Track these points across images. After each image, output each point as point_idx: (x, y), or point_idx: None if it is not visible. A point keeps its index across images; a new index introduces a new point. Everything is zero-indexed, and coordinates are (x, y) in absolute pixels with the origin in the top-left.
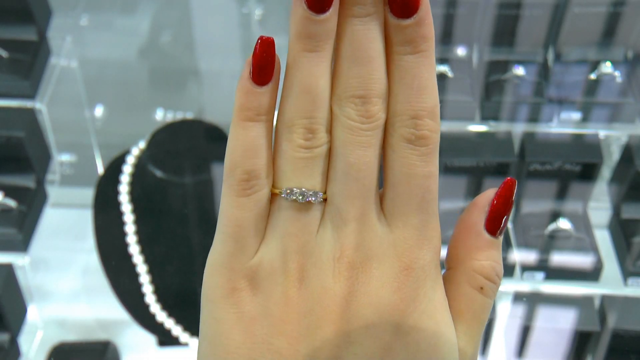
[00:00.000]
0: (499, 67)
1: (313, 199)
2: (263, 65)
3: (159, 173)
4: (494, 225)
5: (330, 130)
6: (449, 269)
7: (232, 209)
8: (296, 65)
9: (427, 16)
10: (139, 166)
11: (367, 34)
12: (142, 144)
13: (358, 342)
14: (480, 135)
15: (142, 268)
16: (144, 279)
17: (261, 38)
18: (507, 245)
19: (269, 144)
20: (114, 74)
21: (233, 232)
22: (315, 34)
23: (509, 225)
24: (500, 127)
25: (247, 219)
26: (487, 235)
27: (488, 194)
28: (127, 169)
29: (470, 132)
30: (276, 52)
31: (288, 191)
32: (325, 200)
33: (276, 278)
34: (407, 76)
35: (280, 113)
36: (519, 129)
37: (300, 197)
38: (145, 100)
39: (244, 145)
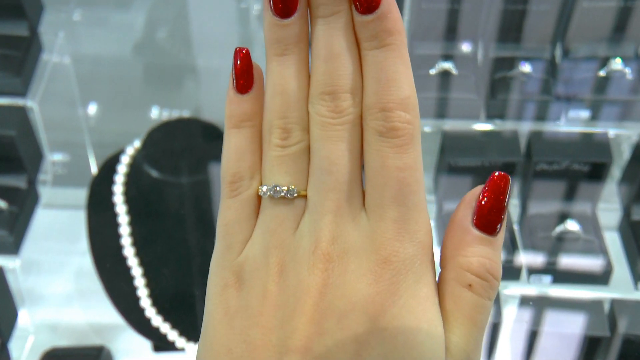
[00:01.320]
0: (504, 64)
1: (287, 194)
2: (241, 74)
3: (154, 173)
4: (485, 221)
5: (308, 129)
6: (441, 268)
7: (222, 210)
8: (269, 70)
9: (390, 10)
10: (134, 166)
11: (332, 32)
12: (137, 143)
13: (330, 334)
14: (486, 134)
15: (137, 271)
16: (139, 282)
17: (237, 50)
18: (513, 247)
19: (254, 147)
20: (108, 70)
21: (221, 232)
22: (283, 38)
23: (515, 227)
24: (506, 125)
25: (232, 219)
26: (475, 231)
27: (476, 190)
28: (122, 168)
29: (475, 131)
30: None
31: (264, 189)
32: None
33: (259, 273)
34: (374, 70)
35: (263, 117)
36: (525, 127)
37: (273, 194)
38: (141, 98)
39: (230, 151)
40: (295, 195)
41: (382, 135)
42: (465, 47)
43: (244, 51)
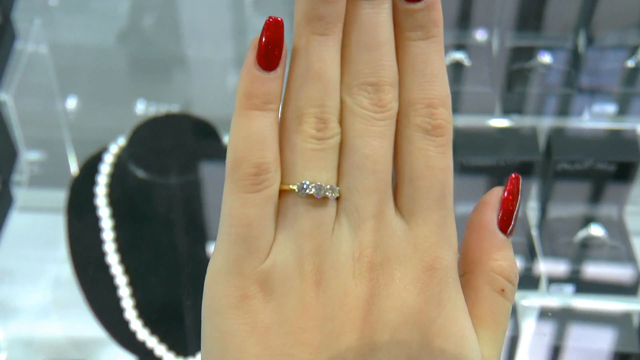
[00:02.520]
0: (522, 54)
1: (330, 193)
2: (271, 48)
3: (141, 173)
4: (505, 223)
5: (340, 121)
6: (466, 273)
7: (239, 207)
8: (305, 49)
9: (437, 0)
10: (118, 165)
11: (376, 19)
12: (121, 141)
13: (384, 350)
14: (501, 130)
15: (121, 280)
16: (124, 292)
17: (270, 18)
18: (531, 254)
19: (276, 135)
20: (89, 61)
21: (242, 233)
22: (325, 15)
23: (534, 232)
24: (524, 121)
25: (257, 217)
26: (501, 235)
27: (497, 192)
28: (105, 168)
29: (489, 127)
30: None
31: (302, 186)
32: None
33: (291, 282)
34: (419, 63)
35: (286, 102)
36: (545, 123)
37: (317, 192)
38: (125, 91)
39: (251, 137)
40: (337, 195)
41: (427, 133)
42: (480, 36)
43: (277, 20)
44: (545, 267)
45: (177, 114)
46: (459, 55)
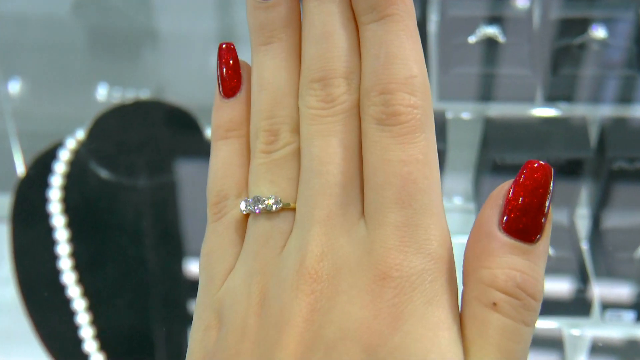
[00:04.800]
0: (571, 28)
1: (271, 206)
2: (226, 74)
3: (104, 173)
4: (518, 224)
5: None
6: (463, 286)
7: (207, 237)
8: (254, 63)
9: None
10: (76, 164)
11: (323, 9)
12: (80, 134)
13: None
14: (543, 121)
15: (79, 304)
16: (82, 318)
17: (220, 46)
18: (582, 273)
19: (243, 160)
20: (38, 35)
21: (203, 262)
22: (267, 22)
23: (584, 245)
24: (572, 110)
25: (216, 245)
26: (503, 237)
27: (504, 185)
28: (60, 167)
29: (528, 117)
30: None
31: (243, 204)
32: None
33: (238, 306)
34: (373, 47)
35: (250, 124)
36: (598, 112)
37: (254, 208)
38: (83, 72)
39: (215, 167)
40: (280, 207)
41: (381, 123)
42: (518, 5)
43: (228, 46)
44: (599, 289)
45: (147, 101)
46: (492, 30)
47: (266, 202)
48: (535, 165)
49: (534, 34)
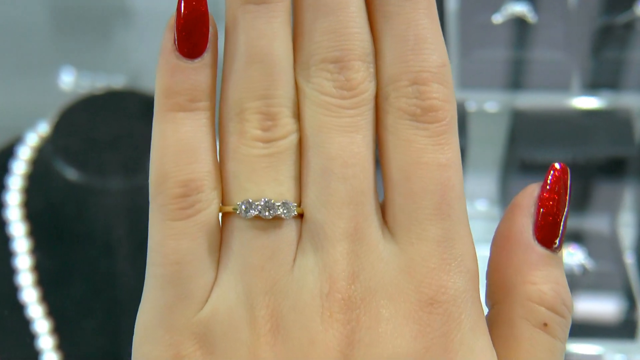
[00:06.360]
0: (615, 4)
1: (284, 212)
2: (192, 27)
3: (71, 173)
4: (548, 232)
5: (297, 114)
6: (495, 303)
7: (166, 240)
8: (239, 24)
9: None
10: (39, 163)
11: None
12: (43, 128)
13: None
14: (581, 113)
15: (42, 325)
16: (46, 342)
17: None
18: (625, 289)
19: (211, 142)
20: None
21: (171, 273)
22: None
23: (628, 258)
24: (615, 100)
25: (189, 252)
26: (539, 248)
27: (531, 189)
28: (19, 167)
29: (563, 108)
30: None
31: (245, 205)
32: (301, 215)
33: (238, 333)
34: (398, 25)
35: (223, 97)
36: None
37: (266, 212)
38: (46, 55)
39: (176, 147)
40: (294, 213)
41: (415, 120)
42: None
43: None
44: None
45: (121, 90)
46: (521, 8)
47: (279, 206)
48: (559, 166)
49: (570, 12)
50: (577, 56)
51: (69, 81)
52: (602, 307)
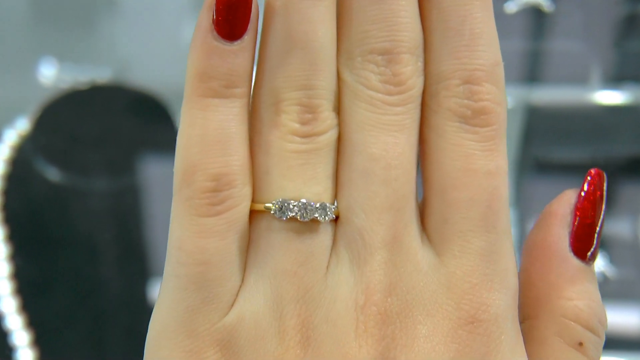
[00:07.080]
0: None
1: (321, 215)
2: (234, 7)
3: (53, 174)
4: (584, 243)
5: (338, 107)
6: (527, 318)
7: (192, 238)
8: (282, 7)
9: None
10: (18, 163)
11: None
12: (22, 125)
13: None
14: (601, 109)
15: (22, 337)
16: (26, 355)
17: None
18: None
19: (245, 133)
20: None
21: (196, 274)
22: None
23: None
24: (639, 95)
25: (217, 252)
26: (575, 260)
27: (567, 197)
28: None
29: (582, 103)
30: None
31: (281, 205)
32: (336, 217)
33: (266, 343)
34: (452, 18)
35: (257, 85)
36: None
37: (302, 214)
38: (25, 46)
39: (208, 136)
40: (333, 217)
41: (465, 122)
42: None
43: None
44: None
45: (106, 85)
46: None
47: (317, 209)
48: (594, 172)
49: (590, 0)
50: (598, 47)
51: (50, 74)
52: (626, 317)
